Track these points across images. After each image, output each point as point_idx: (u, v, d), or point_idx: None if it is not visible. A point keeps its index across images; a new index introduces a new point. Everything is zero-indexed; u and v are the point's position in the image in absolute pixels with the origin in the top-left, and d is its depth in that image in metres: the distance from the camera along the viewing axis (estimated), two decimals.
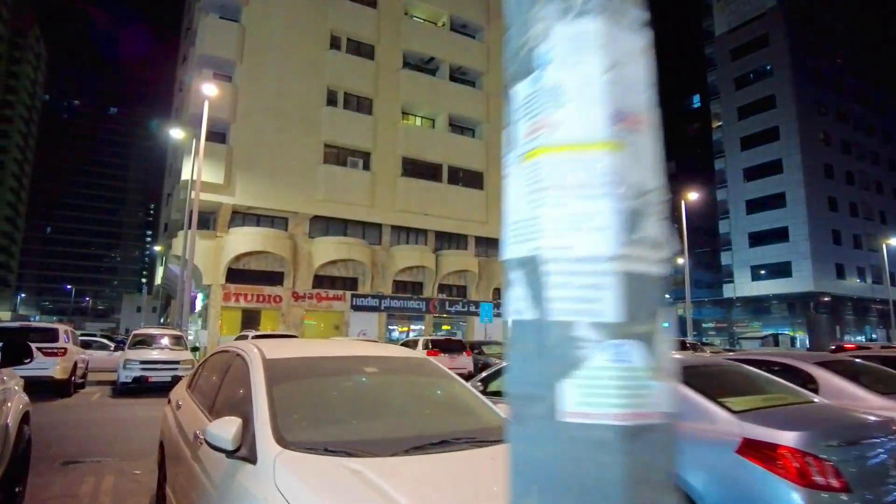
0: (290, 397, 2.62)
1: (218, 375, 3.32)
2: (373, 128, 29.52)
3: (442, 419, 2.79)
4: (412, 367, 3.25)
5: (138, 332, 14.69)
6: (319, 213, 28.00)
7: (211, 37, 26.03)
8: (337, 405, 2.72)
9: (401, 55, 31.44)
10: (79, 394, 13.14)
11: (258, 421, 2.34)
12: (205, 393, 3.42)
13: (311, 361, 3.06)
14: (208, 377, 3.62)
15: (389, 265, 29.78)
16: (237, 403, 2.76)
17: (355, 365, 3.12)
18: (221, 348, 3.76)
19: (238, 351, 3.19)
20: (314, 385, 2.85)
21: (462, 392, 3.03)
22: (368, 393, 2.92)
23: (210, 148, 21.95)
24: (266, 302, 26.37)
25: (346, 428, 2.52)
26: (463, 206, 31.29)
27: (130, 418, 9.55)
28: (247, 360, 2.92)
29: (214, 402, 3.06)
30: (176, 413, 3.70)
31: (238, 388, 2.87)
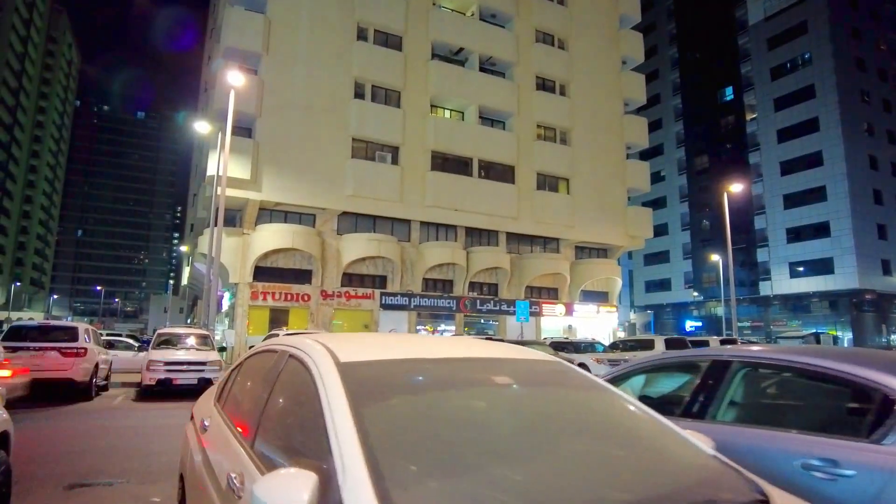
0: (391, 429, 1.62)
1: (262, 387, 2.32)
2: (401, 121, 28.61)
3: (635, 466, 1.70)
4: (552, 376, 2.18)
5: (163, 332, 13.91)
6: (348, 208, 27.20)
7: (236, 29, 25.41)
8: (466, 441, 1.64)
9: (429, 46, 30.47)
10: (101, 396, 12.41)
11: (347, 475, 1.36)
12: (242, 411, 2.44)
13: (410, 368, 2.03)
14: (247, 388, 2.64)
15: (419, 262, 28.85)
16: (299, 435, 1.80)
17: (476, 373, 2.08)
18: (264, 347, 2.71)
19: (292, 350, 2.20)
20: (423, 407, 1.81)
21: (638, 414, 1.99)
22: (507, 419, 1.85)
23: (236, 142, 21.28)
24: (294, 300, 25.64)
25: (489, 485, 1.45)
26: (493, 202, 30.18)
27: (153, 426, 8.70)
28: (309, 365, 1.93)
29: (258, 428, 2.06)
30: (201, 437, 2.72)
31: (297, 410, 1.91)
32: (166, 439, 7.50)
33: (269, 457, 1.86)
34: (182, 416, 10.21)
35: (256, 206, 25.33)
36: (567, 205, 32.62)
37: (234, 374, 2.97)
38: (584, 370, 2.29)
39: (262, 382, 2.35)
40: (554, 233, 32.60)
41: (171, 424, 8.93)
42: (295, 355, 2.14)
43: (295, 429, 1.87)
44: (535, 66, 33.28)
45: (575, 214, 32.64)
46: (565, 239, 33.19)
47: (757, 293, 51.52)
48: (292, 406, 1.99)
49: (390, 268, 28.24)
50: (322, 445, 1.52)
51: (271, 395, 2.15)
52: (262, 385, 2.32)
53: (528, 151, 31.92)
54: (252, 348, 2.92)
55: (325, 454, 1.47)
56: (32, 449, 6.58)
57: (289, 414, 1.99)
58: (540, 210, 31.61)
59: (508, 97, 31.84)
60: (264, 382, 2.32)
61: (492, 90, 31.41)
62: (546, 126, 33.33)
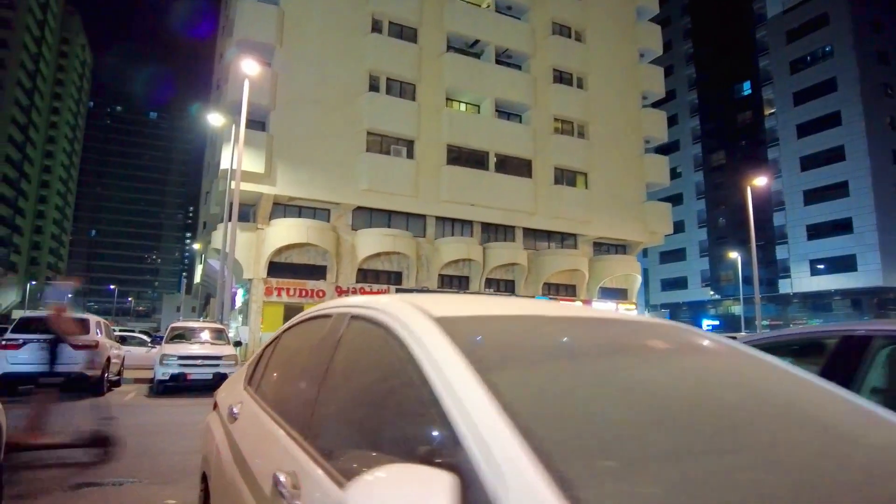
0: (540, 407, 1.06)
1: (314, 361, 1.76)
2: (416, 114, 28.07)
3: (863, 463, 1.07)
4: (695, 343, 1.55)
5: (176, 325, 13.44)
6: (363, 203, 26.70)
7: (250, 21, 25.02)
8: (642, 423, 1.05)
9: (444, 38, 29.90)
10: (113, 392, 11.97)
11: (506, 475, 0.82)
12: (287, 394, 1.91)
13: (529, 326, 1.47)
14: (291, 366, 2.10)
15: (434, 258, 28.30)
16: (385, 417, 1.28)
17: (614, 336, 1.51)
18: (311, 313, 2.13)
19: (356, 311, 1.66)
20: (570, 376, 1.24)
21: (833, 393, 1.39)
22: (679, 395, 1.23)
23: (250, 135, 20.86)
24: (309, 296, 25.18)
25: (707, 485, 0.87)
26: (510, 196, 29.55)
27: (166, 423, 8.21)
28: (390, 324, 1.39)
29: (313, 413, 1.51)
30: (229, 428, 2.17)
31: (377, 385, 1.40)
32: (180, 437, 7.00)
33: (336, 451, 1.31)
34: (197, 412, 9.73)
35: (271, 200, 24.91)
36: (585, 200, 31.91)
37: (269, 351, 2.41)
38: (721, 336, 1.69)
39: (314, 356, 1.79)
40: (571, 228, 31.91)
41: (185, 421, 8.44)
42: (362, 315, 1.60)
43: (377, 410, 1.32)
44: (551, 58, 32.61)
45: (593, 209, 31.93)
46: (583, 235, 32.48)
47: (776, 291, 50.51)
48: (367, 380, 1.45)
49: (405, 264, 27.72)
50: (432, 430, 1.02)
51: (329, 369, 1.59)
52: (314, 359, 1.77)
53: (544, 145, 31.25)
54: (293, 319, 2.35)
55: (444, 443, 0.95)
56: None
57: (363, 391, 1.44)
58: (557, 205, 30.93)
59: (525, 90, 31.20)
60: (316, 355, 1.76)
61: (508, 83, 30.78)
62: (563, 119, 32.65)
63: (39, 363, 10.03)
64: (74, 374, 10.02)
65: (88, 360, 10.21)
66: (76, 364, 10.00)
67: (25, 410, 6.06)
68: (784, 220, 49.83)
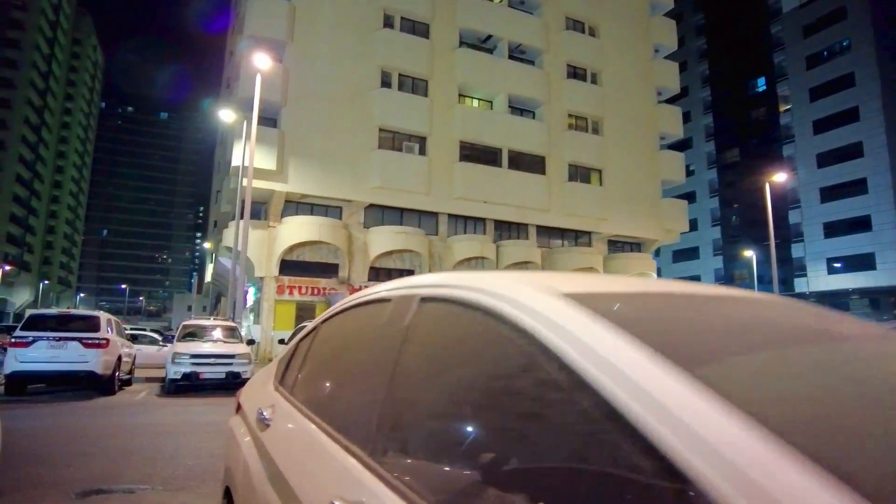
0: (787, 413, 0.66)
1: (373, 356, 1.41)
2: (428, 110, 27.71)
3: None
4: (856, 324, 1.18)
5: (188, 323, 13.13)
6: (375, 201, 26.38)
7: (260, 17, 24.77)
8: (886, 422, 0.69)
9: (457, 33, 29.52)
10: (124, 391, 11.70)
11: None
12: (336, 397, 1.55)
13: (691, 305, 1.12)
14: (339, 362, 1.73)
15: (447, 256, 27.93)
16: (504, 427, 0.90)
17: (793, 318, 1.17)
18: (363, 297, 1.72)
19: (428, 291, 1.32)
20: (786, 369, 0.85)
21: None
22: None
23: (262, 132, 20.59)
24: (321, 295, 24.90)
25: None
26: (523, 193, 29.12)
27: (179, 424, 7.89)
28: (495, 307, 1.02)
29: (379, 421, 1.16)
30: (259, 436, 1.80)
31: (479, 383, 1.03)
32: (194, 438, 6.67)
33: (423, 476, 0.95)
34: (211, 412, 9.42)
35: (282, 198, 24.66)
36: (599, 197, 31.42)
37: (304, 345, 2.04)
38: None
39: (371, 350, 1.43)
40: (586, 226, 31.43)
41: (198, 422, 8.13)
42: (438, 296, 1.25)
43: (483, 420, 0.96)
44: (565, 53, 32.14)
45: (608, 207, 31.42)
46: (598, 232, 31.99)
47: (792, 290, 49.68)
48: (459, 380, 1.08)
49: (418, 262, 27.38)
50: (598, 449, 0.71)
51: (398, 367, 1.22)
52: (372, 354, 1.41)
53: (558, 141, 30.78)
54: (334, 307, 1.97)
55: (628, 469, 0.65)
56: (44, 448, 5.78)
57: (455, 394, 1.07)
58: (571, 202, 30.46)
59: (538, 85, 30.75)
60: (374, 349, 1.40)
61: (521, 78, 30.34)
62: (577, 115, 32.17)
63: (49, 361, 9.79)
64: (83, 372, 9.77)
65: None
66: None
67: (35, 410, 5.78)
68: (800, 218, 49.02)
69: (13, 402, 9.70)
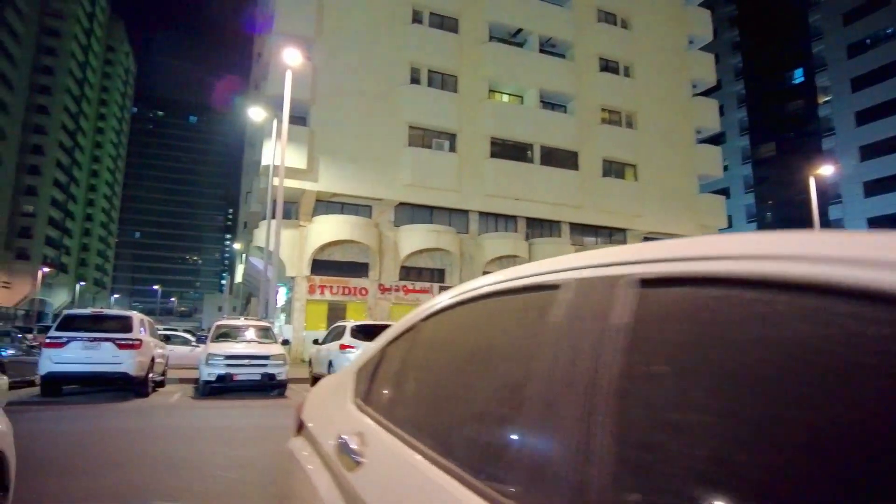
0: None
1: (554, 373, 0.87)
2: (458, 106, 27.21)
3: None
4: None
5: (222, 324, 12.86)
6: (405, 199, 25.99)
7: (289, 14, 24.62)
8: None
9: (486, 28, 28.95)
10: (157, 393, 11.47)
11: None
12: (490, 434, 1.03)
13: None
14: (483, 380, 1.16)
15: (478, 255, 27.39)
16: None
17: None
18: (507, 283, 1.20)
19: (664, 269, 0.79)
20: None
21: None
22: None
23: (291, 130, 20.31)
24: (352, 294, 24.63)
25: None
26: (556, 190, 28.41)
27: (215, 429, 7.53)
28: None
29: (602, 481, 0.67)
30: (345, 477, 1.30)
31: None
32: (231, 446, 6.28)
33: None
34: (246, 415, 9.07)
35: (313, 197, 24.45)
36: (634, 192, 30.51)
37: (398, 349, 1.54)
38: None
39: (542, 360, 0.91)
40: (620, 222, 30.55)
41: (233, 426, 7.77)
42: (693, 275, 0.73)
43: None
44: (597, 46, 31.32)
45: (643, 203, 30.50)
46: (633, 229, 31.07)
47: None
48: (762, 418, 0.59)
49: (448, 260, 26.91)
50: None
51: (601, 389, 0.71)
52: (547, 368, 0.88)
53: (591, 136, 29.98)
54: (443, 296, 1.46)
55: None
56: (72, 456, 5.43)
57: (747, 443, 0.59)
58: (605, 198, 29.63)
59: (570, 79, 29.99)
60: (550, 359, 0.88)
61: (552, 72, 29.63)
62: (610, 109, 31.32)
63: (83, 363, 9.57)
64: (117, 373, 9.52)
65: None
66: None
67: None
68: (841, 214, 47.21)
69: (48, 403, 9.52)
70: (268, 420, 8.47)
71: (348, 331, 12.29)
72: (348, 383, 1.73)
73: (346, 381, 1.76)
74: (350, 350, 11.95)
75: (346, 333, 12.27)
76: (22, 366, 11.43)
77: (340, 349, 12.04)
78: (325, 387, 1.98)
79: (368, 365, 1.66)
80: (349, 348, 11.98)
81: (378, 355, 1.64)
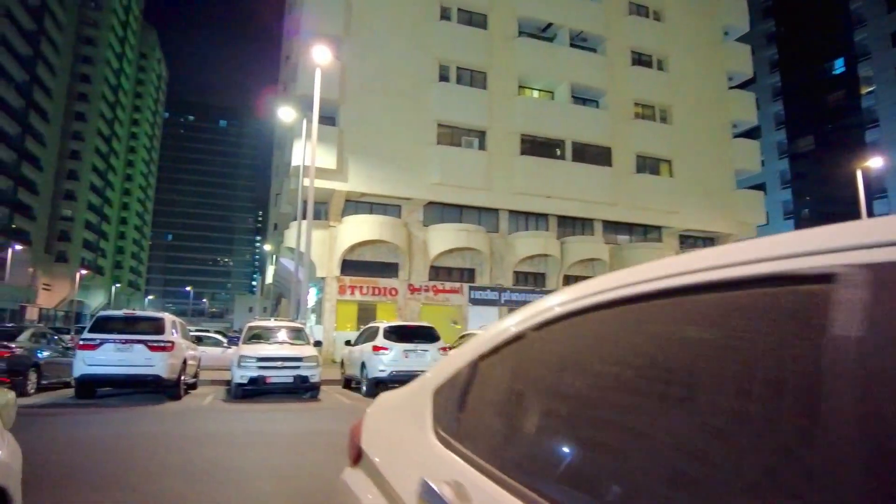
0: None
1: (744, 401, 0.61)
2: (487, 103, 26.77)
3: None
4: None
5: (254, 325, 12.68)
6: (434, 198, 25.66)
7: (317, 13, 24.52)
8: None
9: (515, 23, 28.44)
10: (190, 395, 11.34)
11: None
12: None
13: None
14: (635, 409, 0.80)
15: (508, 254, 26.90)
16: None
17: None
18: (674, 279, 0.80)
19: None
20: None
21: None
22: None
23: (321, 130, 20.14)
24: (382, 295, 24.41)
25: None
26: (588, 187, 27.72)
27: (249, 434, 7.27)
28: None
29: None
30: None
31: None
32: (267, 453, 5.99)
33: None
34: (280, 419, 8.80)
35: (342, 197, 24.32)
36: (669, 189, 29.62)
37: (495, 367, 1.16)
38: None
39: (734, 382, 0.62)
40: (655, 220, 29.69)
41: (269, 432, 7.51)
42: None
43: None
44: (629, 39, 30.52)
45: (678, 199, 29.58)
46: (668, 227, 30.18)
47: None
48: None
49: (478, 260, 26.49)
50: None
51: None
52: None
53: (624, 131, 29.21)
54: (556, 297, 1.06)
55: None
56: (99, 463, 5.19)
57: None
58: (639, 195, 28.82)
59: (601, 74, 29.27)
60: (746, 382, 0.61)
61: (583, 67, 28.95)
62: (643, 104, 30.48)
63: (115, 365, 9.46)
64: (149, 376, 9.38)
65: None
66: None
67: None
68: (887, 209, 45.25)
69: (81, 405, 9.43)
70: (301, 425, 8.21)
71: (381, 332, 12.00)
72: (423, 407, 1.35)
73: (419, 404, 1.39)
74: (384, 352, 11.66)
75: (379, 334, 11.98)
76: (58, 367, 11.44)
77: (373, 350, 11.76)
78: (389, 407, 1.61)
79: (453, 385, 1.28)
80: (382, 350, 11.69)
81: (467, 373, 1.25)
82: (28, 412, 8.76)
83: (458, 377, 1.27)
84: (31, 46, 53.49)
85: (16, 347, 10.24)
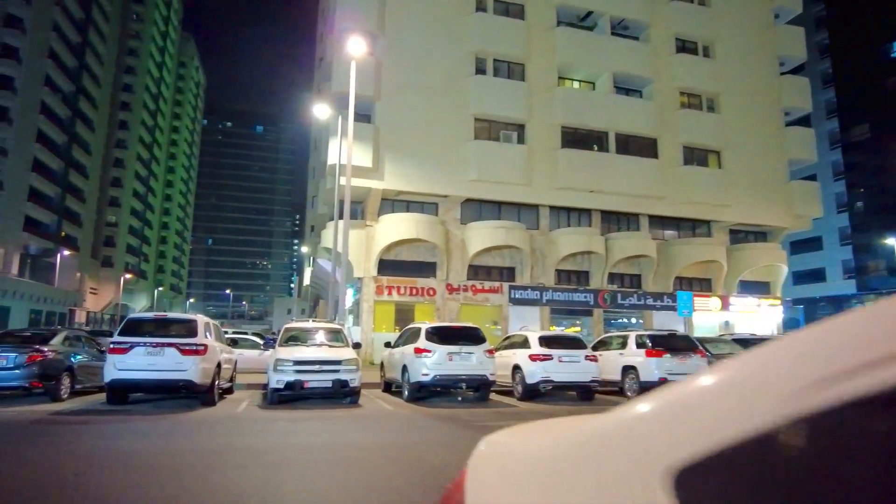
0: None
1: None
2: (526, 95, 25.83)
3: None
4: None
5: (291, 326, 12.13)
6: (471, 195, 24.87)
7: (351, 8, 24.05)
8: None
9: (554, 12, 27.40)
10: (225, 400, 10.82)
11: None
12: None
13: None
14: None
15: (550, 252, 25.89)
16: None
17: None
18: None
19: None
20: None
21: None
22: None
23: (357, 128, 19.65)
24: (420, 295, 23.75)
25: None
26: (633, 180, 26.45)
27: (287, 447, 6.61)
28: None
29: None
30: None
31: None
32: (309, 472, 5.30)
33: None
34: (321, 430, 7.88)
35: (379, 195, 23.77)
36: (719, 181, 28.09)
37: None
38: None
39: None
40: (704, 214, 28.21)
41: (309, 445, 6.84)
42: None
43: None
44: (673, 25, 29.10)
45: (728, 192, 28.02)
46: (718, 221, 28.65)
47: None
48: None
49: (518, 258, 25.57)
50: None
51: None
52: None
53: (670, 122, 27.84)
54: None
55: None
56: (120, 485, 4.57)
57: None
58: (688, 188, 27.41)
59: (645, 62, 27.97)
60: None
61: (625, 56, 27.70)
62: (690, 93, 29.04)
63: (146, 369, 8.97)
64: (181, 381, 8.85)
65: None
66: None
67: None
68: None
69: (111, 412, 8.97)
70: (341, 436, 7.52)
71: (423, 333, 11.30)
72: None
73: (628, 494, 0.59)
74: (426, 354, 10.95)
75: (420, 336, 11.29)
76: (92, 370, 11.10)
77: (416, 353, 11.07)
78: (526, 472, 0.83)
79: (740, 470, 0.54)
80: (425, 352, 10.99)
81: (766, 441, 0.53)
82: (56, 419, 8.33)
83: (758, 448, 0.54)
84: (77, 59, 54.96)
85: (48, 351, 9.90)
